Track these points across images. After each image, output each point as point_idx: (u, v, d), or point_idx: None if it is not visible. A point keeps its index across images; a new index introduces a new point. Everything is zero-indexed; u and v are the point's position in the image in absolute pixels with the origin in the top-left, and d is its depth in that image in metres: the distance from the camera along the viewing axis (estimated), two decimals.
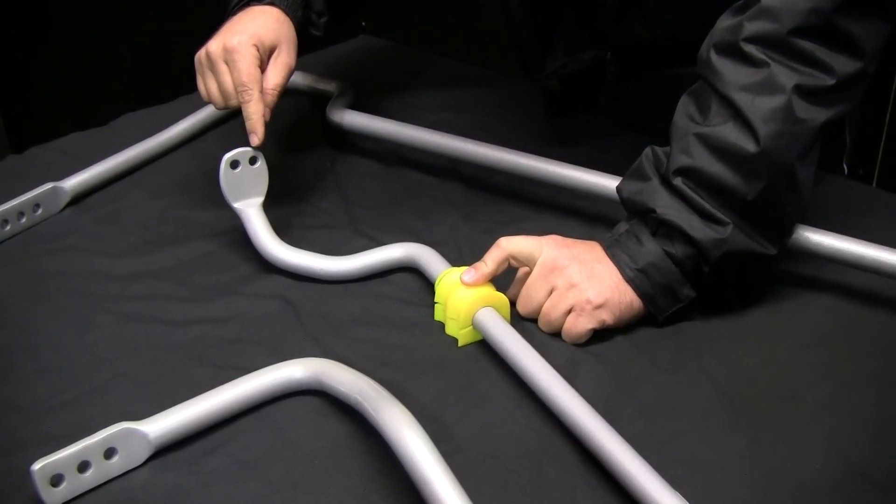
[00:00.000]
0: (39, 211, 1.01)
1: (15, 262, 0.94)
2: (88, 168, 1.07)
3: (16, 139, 1.75)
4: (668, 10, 1.03)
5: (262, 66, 0.96)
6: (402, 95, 1.30)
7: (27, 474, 0.64)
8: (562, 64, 1.11)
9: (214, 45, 0.95)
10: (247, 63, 0.93)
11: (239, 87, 0.93)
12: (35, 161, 1.14)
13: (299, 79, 1.29)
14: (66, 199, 1.03)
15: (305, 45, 1.05)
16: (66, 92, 1.84)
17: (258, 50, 0.95)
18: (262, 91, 0.94)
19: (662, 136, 0.85)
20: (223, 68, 0.94)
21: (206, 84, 0.97)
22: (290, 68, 0.98)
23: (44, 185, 1.01)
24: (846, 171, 1.12)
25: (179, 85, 1.32)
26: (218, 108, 0.98)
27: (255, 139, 0.93)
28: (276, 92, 0.96)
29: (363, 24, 1.67)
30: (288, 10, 1.00)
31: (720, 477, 0.68)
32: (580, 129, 1.18)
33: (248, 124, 0.93)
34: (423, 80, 1.36)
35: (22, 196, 0.99)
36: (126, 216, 1.02)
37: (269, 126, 1.20)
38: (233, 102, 0.95)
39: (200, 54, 0.97)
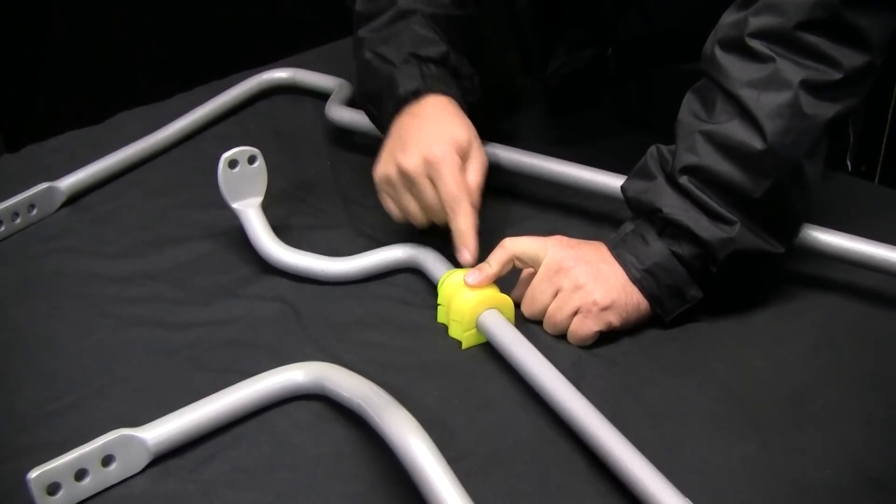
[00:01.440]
0: (34, 211, 1.00)
1: (9, 263, 0.93)
2: (84, 167, 1.06)
3: (11, 138, 1.73)
4: (668, 5, 1.02)
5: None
6: None
7: (23, 483, 0.63)
8: (563, 62, 1.10)
9: (411, 162, 0.85)
10: (454, 174, 0.85)
11: (450, 202, 0.85)
12: (30, 160, 1.13)
13: (298, 75, 1.28)
14: (61, 199, 1.02)
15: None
16: (62, 90, 1.82)
17: (460, 157, 0.87)
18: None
19: (665, 133, 0.84)
20: (425, 183, 0.85)
21: (403, 202, 0.88)
22: (485, 166, 0.89)
23: (39, 185, 1.00)
24: (850, 168, 1.11)
25: (176, 83, 1.31)
26: (419, 227, 0.89)
27: (468, 256, 0.84)
28: (479, 193, 0.88)
29: None
30: (447, 91, 0.92)
31: (730, 482, 0.67)
32: (582, 126, 1.17)
33: (461, 240, 0.85)
34: None
35: (17, 196, 0.98)
36: (123, 216, 1.01)
37: (269, 124, 1.19)
38: (440, 218, 0.86)
39: (391, 172, 0.87)
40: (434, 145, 0.85)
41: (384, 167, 0.89)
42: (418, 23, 0.95)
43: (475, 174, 0.88)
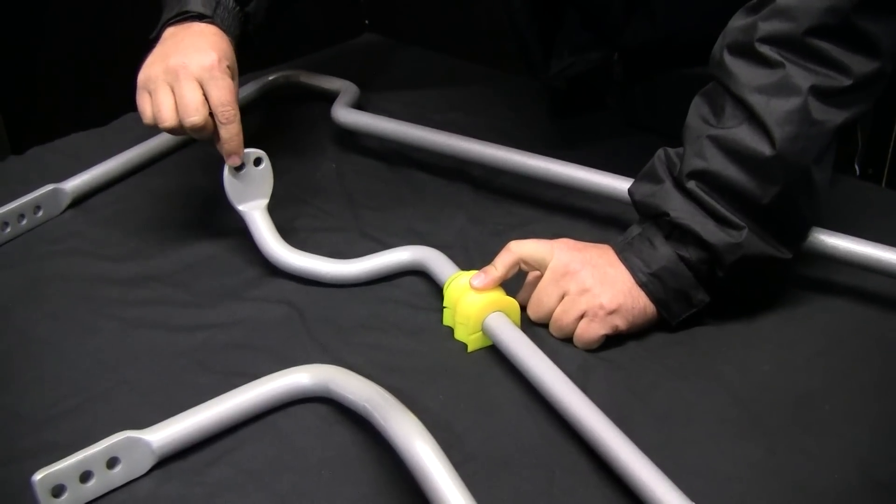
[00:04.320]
0: (40, 213, 1.00)
1: (15, 265, 0.93)
2: (90, 169, 1.06)
3: (16, 140, 1.73)
4: (675, 10, 1.02)
5: None
6: (408, 95, 1.29)
7: (28, 485, 0.63)
8: (568, 64, 1.10)
9: (183, 60, 0.88)
10: (227, 82, 0.89)
11: (220, 107, 0.88)
12: (36, 162, 1.13)
13: (303, 78, 1.28)
14: (67, 201, 1.02)
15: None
16: (67, 91, 1.82)
17: (229, 72, 0.91)
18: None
19: (671, 137, 0.84)
20: (191, 84, 0.87)
21: (159, 98, 0.88)
22: (236, 93, 0.93)
23: (44, 187, 1.00)
24: (857, 172, 1.11)
25: None
26: (162, 127, 0.88)
27: (238, 160, 0.89)
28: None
29: (367, 22, 1.66)
30: (227, 30, 0.96)
31: (736, 487, 0.67)
32: (587, 129, 1.17)
33: (229, 146, 0.88)
34: (428, 80, 1.35)
35: (22, 198, 0.98)
36: (128, 218, 1.01)
37: (274, 126, 1.19)
38: (194, 120, 0.87)
39: (156, 69, 0.89)
40: (209, 52, 0.89)
41: (151, 65, 0.90)
42: None
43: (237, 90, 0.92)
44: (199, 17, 0.95)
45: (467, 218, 1.00)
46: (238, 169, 0.90)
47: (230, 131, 0.89)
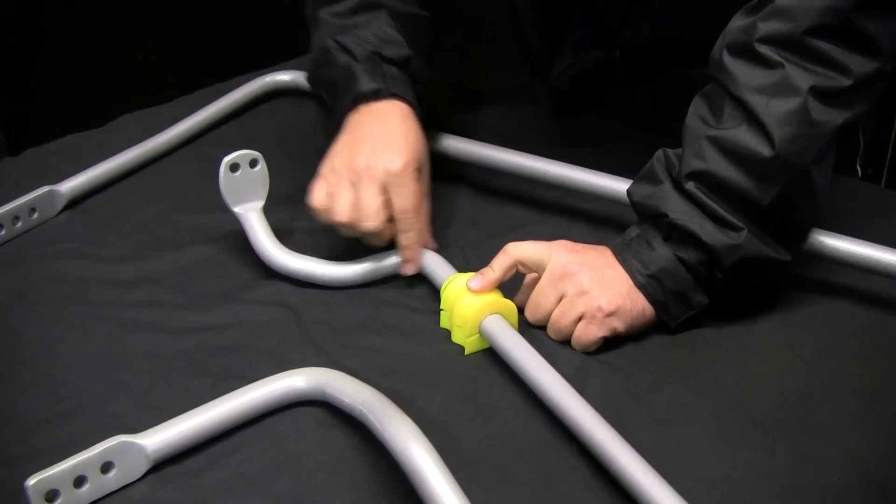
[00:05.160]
0: (35, 215, 0.99)
1: (10, 267, 0.93)
2: (85, 171, 1.05)
3: (12, 141, 1.73)
4: (675, 9, 1.01)
5: None
6: None
7: (21, 490, 0.62)
8: (570, 64, 1.09)
9: (370, 161, 0.85)
10: (413, 192, 0.86)
11: (402, 214, 0.85)
12: (31, 163, 1.12)
13: (300, 79, 1.28)
14: (62, 203, 1.02)
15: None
16: (63, 92, 1.82)
17: (417, 175, 0.88)
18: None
19: (671, 136, 0.84)
20: (373, 187, 0.85)
21: (339, 194, 0.85)
22: (430, 181, 0.92)
23: (40, 189, 1.00)
24: (859, 173, 1.10)
25: (178, 85, 1.30)
26: (335, 221, 0.86)
27: (412, 269, 0.87)
28: (429, 224, 0.91)
29: None
30: (405, 95, 0.92)
31: (735, 490, 0.67)
32: (588, 129, 1.17)
33: (406, 254, 0.87)
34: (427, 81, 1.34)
35: (17, 200, 0.98)
36: (124, 220, 1.01)
37: (272, 127, 1.18)
38: (370, 225, 0.85)
39: (343, 163, 0.87)
40: (399, 154, 0.86)
41: (336, 156, 0.88)
42: (384, 20, 0.95)
43: (425, 188, 0.90)
44: (375, 95, 0.91)
45: (465, 220, 1.00)
46: (234, 170, 0.89)
47: (410, 238, 0.87)
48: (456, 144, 1.03)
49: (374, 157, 0.86)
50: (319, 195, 0.87)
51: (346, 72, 0.93)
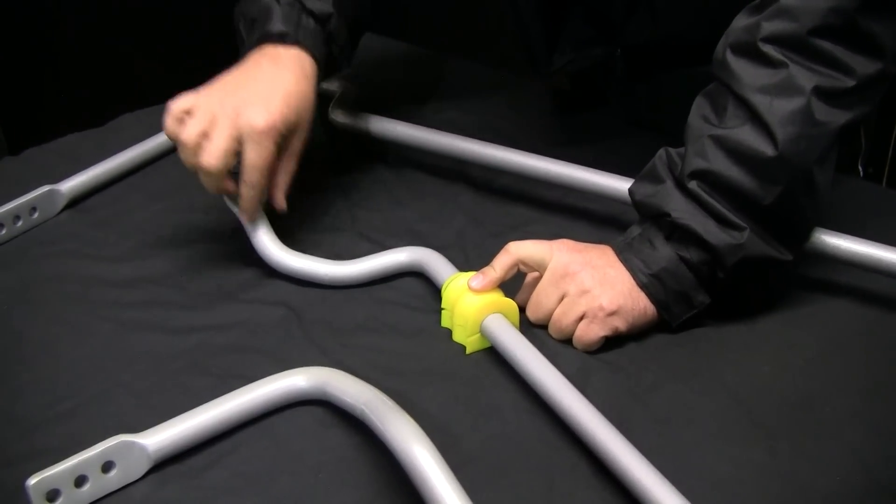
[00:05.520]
0: (36, 214, 0.99)
1: (10, 267, 0.92)
2: (86, 170, 1.05)
3: (12, 140, 1.73)
4: (677, 8, 1.01)
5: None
6: (407, 95, 1.28)
7: (21, 489, 0.62)
8: (570, 60, 1.09)
9: (234, 105, 0.86)
10: (267, 153, 0.86)
11: (249, 169, 0.86)
12: (31, 163, 1.12)
13: None
14: (63, 202, 1.02)
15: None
16: (64, 92, 1.82)
17: (281, 139, 0.88)
18: (271, 184, 0.90)
19: (673, 135, 0.83)
20: (226, 134, 0.85)
21: (192, 126, 0.85)
22: (299, 158, 0.92)
23: (40, 188, 1.00)
24: (861, 173, 1.10)
25: (179, 85, 1.30)
26: (178, 142, 0.86)
27: (246, 218, 0.89)
28: (288, 186, 0.92)
29: None
30: (312, 51, 0.93)
31: (738, 490, 0.66)
32: (589, 128, 1.16)
33: (244, 204, 0.88)
34: (427, 79, 1.34)
35: (18, 199, 0.98)
36: (124, 220, 1.01)
37: None
38: (207, 161, 0.84)
39: (209, 100, 0.86)
40: (268, 112, 0.86)
41: (212, 92, 0.88)
42: None
43: (288, 165, 0.91)
44: (282, 38, 0.92)
45: (466, 219, 0.99)
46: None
47: (248, 193, 0.87)
48: (457, 143, 1.03)
49: (244, 106, 0.86)
50: (181, 106, 0.87)
51: (265, 10, 0.94)
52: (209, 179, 0.87)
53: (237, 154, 0.86)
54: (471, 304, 0.79)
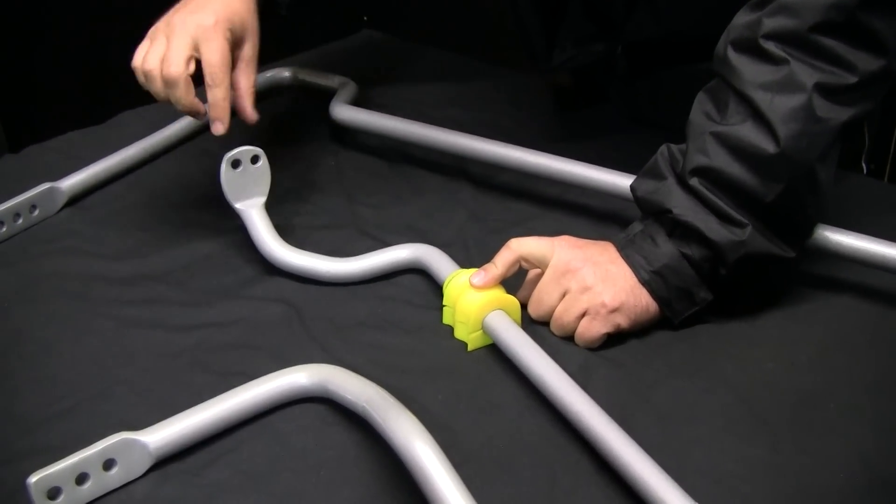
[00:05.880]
0: (36, 212, 0.99)
1: (10, 264, 0.92)
2: (86, 168, 1.05)
3: (12, 138, 1.73)
4: (678, 5, 1.01)
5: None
6: (407, 91, 1.28)
7: (22, 487, 0.62)
8: (570, 56, 1.09)
9: (181, 18, 0.90)
10: (220, 47, 0.90)
11: (208, 68, 0.89)
12: (31, 161, 1.12)
13: (301, 74, 1.27)
14: (63, 200, 1.01)
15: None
16: (64, 89, 1.82)
17: (231, 36, 0.91)
18: (233, 87, 0.92)
19: (674, 132, 0.83)
20: (183, 42, 0.89)
21: (152, 48, 0.90)
22: (256, 66, 0.95)
23: (40, 186, 0.99)
24: (865, 170, 1.10)
25: None
26: (145, 70, 0.90)
27: (221, 127, 0.91)
28: (252, 93, 0.94)
29: (366, 18, 1.65)
30: None
31: (740, 486, 0.66)
32: (589, 124, 1.16)
33: (215, 111, 0.90)
34: (428, 76, 1.34)
35: (18, 197, 0.97)
36: (125, 217, 1.00)
37: (271, 124, 1.18)
38: (171, 71, 0.88)
39: (161, 24, 0.92)
40: (212, 13, 0.90)
41: (163, 18, 0.93)
42: None
43: (248, 71, 0.94)
44: None
45: (467, 215, 0.99)
46: (235, 166, 0.89)
47: (216, 94, 0.90)
48: (457, 140, 1.02)
49: (191, 14, 0.91)
50: (139, 53, 0.91)
51: None
52: (177, 92, 0.89)
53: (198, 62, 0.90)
54: (472, 300, 0.79)
